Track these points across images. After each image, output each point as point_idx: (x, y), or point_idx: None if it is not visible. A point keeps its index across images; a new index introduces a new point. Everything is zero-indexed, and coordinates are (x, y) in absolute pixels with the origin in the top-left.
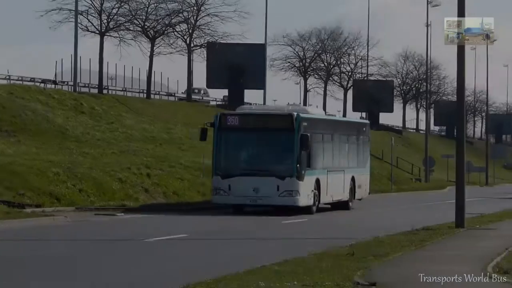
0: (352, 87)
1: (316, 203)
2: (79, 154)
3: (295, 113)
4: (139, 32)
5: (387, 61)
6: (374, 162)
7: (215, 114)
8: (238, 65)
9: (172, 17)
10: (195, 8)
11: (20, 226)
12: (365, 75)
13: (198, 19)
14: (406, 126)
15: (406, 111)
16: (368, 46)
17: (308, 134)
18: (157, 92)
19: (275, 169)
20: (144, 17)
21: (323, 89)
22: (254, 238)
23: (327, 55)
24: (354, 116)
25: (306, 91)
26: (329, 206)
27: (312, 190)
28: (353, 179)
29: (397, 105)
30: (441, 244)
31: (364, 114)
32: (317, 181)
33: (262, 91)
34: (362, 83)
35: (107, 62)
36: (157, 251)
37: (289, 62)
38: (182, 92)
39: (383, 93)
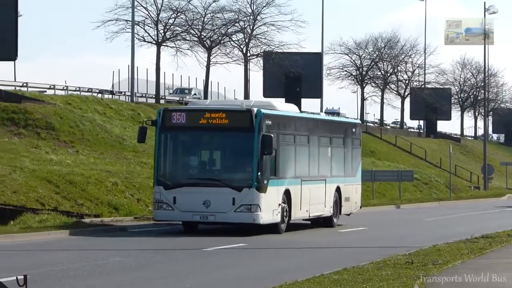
0: (409, 95)
1: (286, 219)
2: (137, 163)
3: (255, 109)
4: (196, 42)
5: (444, 68)
6: (432, 170)
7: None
8: (295, 74)
9: (229, 27)
10: (251, 17)
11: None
12: (423, 83)
13: (254, 28)
14: (464, 133)
15: (464, 119)
16: (425, 54)
17: (272, 135)
18: None
19: (230, 178)
20: (200, 27)
21: (380, 97)
22: (313, 248)
23: (384, 63)
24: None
25: (363, 99)
26: (309, 222)
27: (280, 204)
28: (338, 190)
29: (455, 113)
30: (501, 252)
31: (421, 122)
32: (287, 193)
33: (319, 100)
34: (420, 91)
35: (164, 72)
36: (216, 260)
37: (346, 70)
38: (170, 93)
39: (440, 101)
